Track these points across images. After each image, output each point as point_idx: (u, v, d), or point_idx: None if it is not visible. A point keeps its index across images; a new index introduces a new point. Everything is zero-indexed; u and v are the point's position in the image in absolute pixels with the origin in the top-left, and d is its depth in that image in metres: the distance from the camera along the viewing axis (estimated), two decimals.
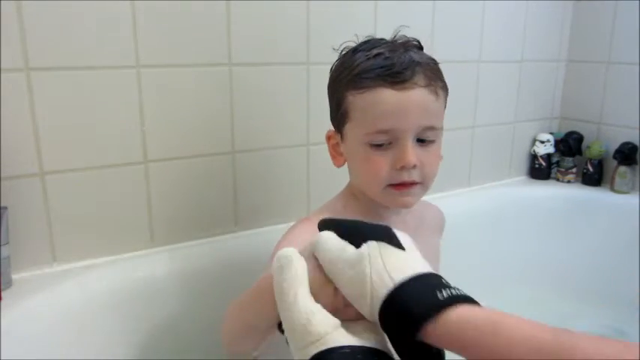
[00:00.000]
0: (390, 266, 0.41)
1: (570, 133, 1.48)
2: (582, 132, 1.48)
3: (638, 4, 1.33)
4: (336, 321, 0.41)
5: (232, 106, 0.97)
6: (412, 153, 0.63)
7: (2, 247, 0.77)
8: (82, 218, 0.87)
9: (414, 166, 0.64)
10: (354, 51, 0.68)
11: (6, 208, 0.78)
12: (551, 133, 1.51)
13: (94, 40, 0.82)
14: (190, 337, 0.94)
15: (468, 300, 0.39)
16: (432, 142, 0.66)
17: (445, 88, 0.68)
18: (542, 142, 1.49)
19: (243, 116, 0.99)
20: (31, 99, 0.79)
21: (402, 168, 0.64)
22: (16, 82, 0.78)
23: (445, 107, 0.71)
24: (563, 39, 1.49)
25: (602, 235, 1.36)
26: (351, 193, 0.75)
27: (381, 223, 0.49)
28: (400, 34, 0.70)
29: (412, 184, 0.66)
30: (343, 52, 0.70)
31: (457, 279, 0.46)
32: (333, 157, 0.74)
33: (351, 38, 0.72)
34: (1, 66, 0.76)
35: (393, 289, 0.39)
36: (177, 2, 0.88)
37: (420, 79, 0.63)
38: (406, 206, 0.69)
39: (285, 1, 0.98)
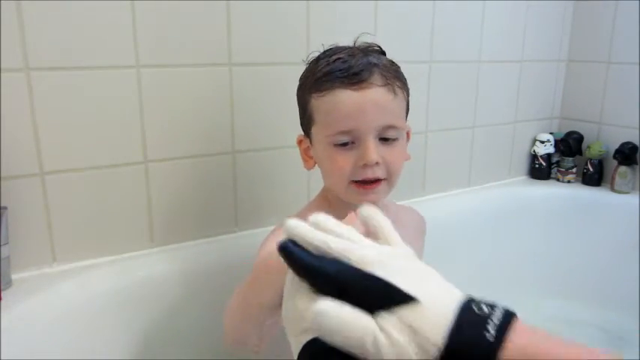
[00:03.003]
0: (423, 330, 0.34)
1: (570, 133, 1.48)
2: (582, 132, 1.48)
3: (638, 4, 1.34)
4: None
5: (232, 106, 0.97)
6: (374, 151, 0.65)
7: (2, 247, 0.77)
8: (82, 218, 0.87)
9: (377, 164, 0.66)
10: (317, 59, 0.71)
11: (6, 208, 0.78)
12: (551, 133, 1.51)
13: (94, 40, 0.82)
14: (190, 337, 0.94)
15: (508, 319, 0.35)
16: (394, 140, 0.68)
17: (405, 89, 0.70)
18: (542, 142, 1.49)
19: (243, 116, 0.99)
20: (31, 99, 0.79)
21: (365, 166, 0.66)
22: (16, 82, 0.78)
23: (408, 108, 0.73)
24: (564, 39, 1.49)
25: (602, 236, 1.36)
26: (325, 197, 0.77)
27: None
28: (362, 40, 0.73)
29: (376, 181, 0.68)
30: (308, 62, 0.73)
31: (457, 279, 0.45)
32: (305, 161, 0.76)
33: (351, 38, 0.74)
34: (1, 66, 0.76)
35: (441, 356, 0.34)
36: (177, 2, 0.88)
37: (376, 78, 0.66)
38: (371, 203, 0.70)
39: (285, 1, 0.98)
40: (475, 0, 1.27)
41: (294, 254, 0.39)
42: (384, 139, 0.67)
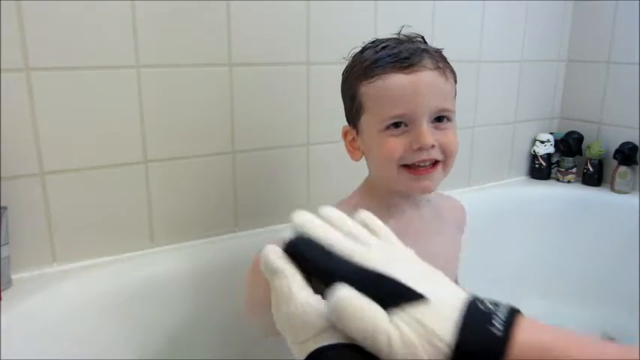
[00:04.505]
0: (432, 326, 0.34)
1: (570, 133, 1.48)
2: (582, 132, 1.48)
3: (638, 4, 1.33)
4: None
5: (232, 106, 0.97)
6: (429, 133, 0.64)
7: (2, 247, 0.77)
8: (82, 218, 0.87)
9: (432, 147, 0.65)
10: (362, 50, 0.71)
11: (6, 208, 0.78)
12: (551, 133, 1.51)
13: (94, 40, 0.82)
14: (190, 337, 0.94)
15: (513, 315, 0.36)
16: (448, 122, 0.67)
17: (454, 74, 0.70)
18: (542, 142, 1.49)
19: (243, 116, 0.99)
20: (31, 99, 0.79)
21: (420, 149, 0.65)
22: (16, 82, 0.78)
23: (455, 94, 0.72)
24: (563, 39, 1.49)
25: (602, 235, 1.36)
26: (368, 188, 0.76)
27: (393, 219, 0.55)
28: (403, 32, 0.73)
29: (432, 166, 0.67)
30: (352, 55, 0.73)
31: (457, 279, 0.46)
32: (350, 153, 0.75)
33: (352, 38, 0.74)
34: (1, 66, 0.76)
35: (451, 353, 0.34)
36: (177, 2, 0.88)
37: (427, 62, 0.65)
38: (425, 191, 0.69)
39: (285, 1, 0.98)
40: (475, 0, 1.27)
41: (305, 255, 0.38)
42: (437, 122, 0.66)
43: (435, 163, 0.67)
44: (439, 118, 0.67)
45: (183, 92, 0.92)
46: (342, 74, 0.74)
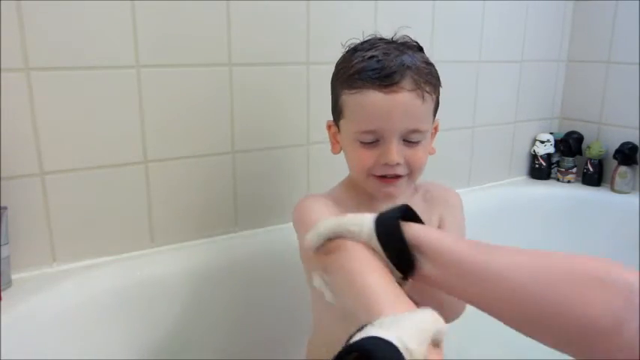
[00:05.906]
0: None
1: (570, 133, 1.48)
2: (582, 132, 1.48)
3: (638, 4, 1.33)
4: None
5: (232, 106, 0.97)
6: (396, 152, 0.68)
7: (2, 247, 0.77)
8: (82, 218, 0.87)
9: (398, 164, 0.69)
10: (355, 50, 0.71)
11: (6, 208, 0.78)
12: (551, 133, 1.51)
13: (94, 40, 0.82)
14: (190, 337, 0.94)
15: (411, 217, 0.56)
16: (417, 142, 0.70)
17: (435, 92, 0.72)
18: (543, 142, 1.49)
19: (243, 116, 0.99)
20: (31, 99, 0.79)
21: (386, 164, 0.69)
22: (16, 82, 0.78)
23: (437, 107, 0.75)
24: (564, 39, 1.49)
25: (602, 236, 1.36)
26: (349, 181, 0.80)
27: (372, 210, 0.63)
28: (401, 34, 0.73)
29: (396, 177, 0.71)
30: (346, 49, 0.74)
31: None
32: (332, 144, 0.79)
33: (351, 38, 0.74)
34: (1, 66, 0.76)
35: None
36: (177, 2, 0.88)
37: (407, 82, 0.67)
38: (389, 196, 0.74)
39: (285, 1, 0.98)
40: (475, 0, 1.27)
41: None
42: (408, 141, 0.70)
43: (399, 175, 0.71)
44: (409, 137, 0.69)
45: (183, 92, 0.92)
46: (335, 66, 0.75)
